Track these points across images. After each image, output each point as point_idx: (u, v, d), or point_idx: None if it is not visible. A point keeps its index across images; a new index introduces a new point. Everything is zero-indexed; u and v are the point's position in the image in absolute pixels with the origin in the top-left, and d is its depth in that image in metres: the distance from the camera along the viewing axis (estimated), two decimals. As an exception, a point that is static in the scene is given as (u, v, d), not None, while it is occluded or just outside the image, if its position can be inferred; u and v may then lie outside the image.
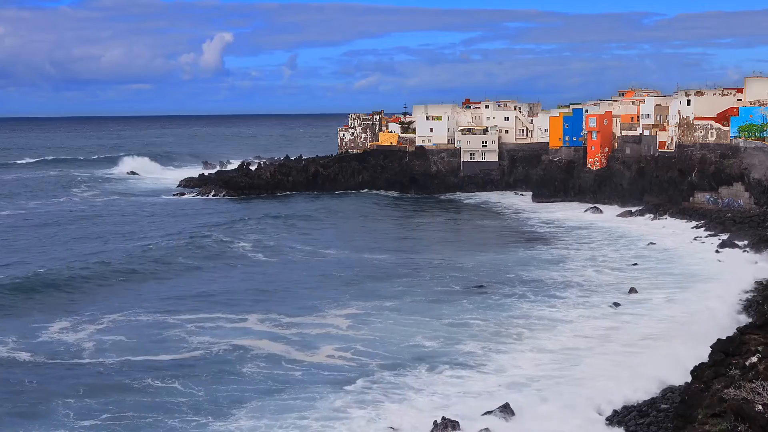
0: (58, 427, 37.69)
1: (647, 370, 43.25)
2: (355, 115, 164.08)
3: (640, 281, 65.57)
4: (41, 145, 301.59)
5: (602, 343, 49.19)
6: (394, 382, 43.22)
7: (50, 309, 58.60)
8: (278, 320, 55.33)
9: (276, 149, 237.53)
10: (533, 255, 78.98)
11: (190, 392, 41.88)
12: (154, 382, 43.11)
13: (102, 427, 37.69)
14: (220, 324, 54.45)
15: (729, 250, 74.17)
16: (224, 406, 40.00)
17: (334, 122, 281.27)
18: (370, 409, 39.37)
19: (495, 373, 44.22)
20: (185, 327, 53.57)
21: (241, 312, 57.32)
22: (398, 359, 46.96)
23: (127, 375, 44.47)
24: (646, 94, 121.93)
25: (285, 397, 41.30)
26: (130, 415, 38.86)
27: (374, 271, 71.86)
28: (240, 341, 50.28)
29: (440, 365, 45.78)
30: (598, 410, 38.03)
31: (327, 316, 56.60)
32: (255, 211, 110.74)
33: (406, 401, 40.48)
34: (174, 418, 38.59)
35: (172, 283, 68.43)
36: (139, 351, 48.75)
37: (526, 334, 51.57)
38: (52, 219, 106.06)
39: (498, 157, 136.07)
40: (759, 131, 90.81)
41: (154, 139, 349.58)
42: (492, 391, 41.36)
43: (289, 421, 38.13)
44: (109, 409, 39.53)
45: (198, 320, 55.24)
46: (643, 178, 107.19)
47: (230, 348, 48.99)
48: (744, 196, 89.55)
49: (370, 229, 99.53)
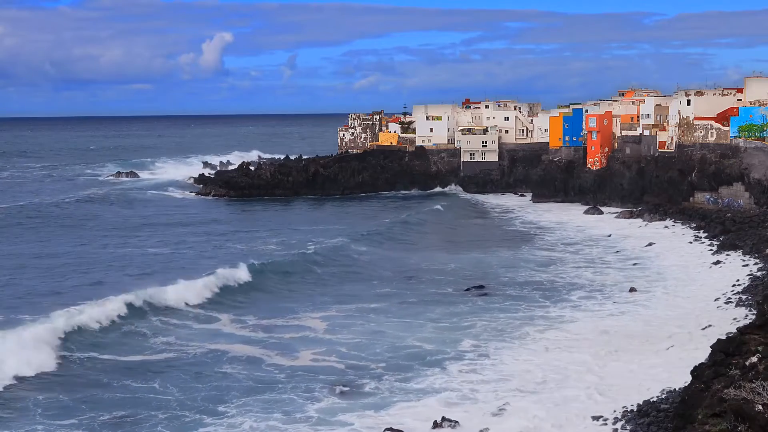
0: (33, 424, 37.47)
1: (648, 370, 43.29)
2: (355, 115, 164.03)
3: (640, 281, 65.60)
4: (40, 146, 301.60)
5: (602, 343, 49.12)
6: (393, 382, 43.16)
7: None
8: (271, 323, 55.33)
9: (270, 148, 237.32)
10: (533, 255, 78.97)
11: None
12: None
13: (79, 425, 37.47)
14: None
15: (728, 251, 74.08)
16: (213, 404, 39.96)
17: (334, 122, 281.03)
18: (370, 409, 39.33)
19: (495, 374, 44.14)
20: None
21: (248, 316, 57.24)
22: (397, 359, 46.93)
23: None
24: (646, 94, 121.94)
25: (281, 397, 41.20)
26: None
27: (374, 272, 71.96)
28: (236, 344, 50.23)
29: (440, 365, 45.74)
30: (599, 410, 37.99)
31: (312, 318, 56.12)
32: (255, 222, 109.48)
33: (406, 401, 40.43)
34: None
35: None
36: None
37: (525, 334, 51.53)
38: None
39: (498, 157, 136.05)
40: (759, 131, 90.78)
41: (155, 140, 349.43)
42: (492, 391, 41.33)
43: (288, 421, 38.10)
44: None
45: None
46: (643, 178, 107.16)
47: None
48: (744, 196, 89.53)
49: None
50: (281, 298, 62.60)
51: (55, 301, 57.38)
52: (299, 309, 58.37)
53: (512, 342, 49.99)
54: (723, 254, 73.23)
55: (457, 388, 41.97)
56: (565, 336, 50.94)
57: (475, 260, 76.02)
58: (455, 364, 45.80)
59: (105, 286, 62.34)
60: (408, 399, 40.73)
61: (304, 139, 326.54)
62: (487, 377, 43.61)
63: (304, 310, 58.20)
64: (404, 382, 43.14)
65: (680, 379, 38.99)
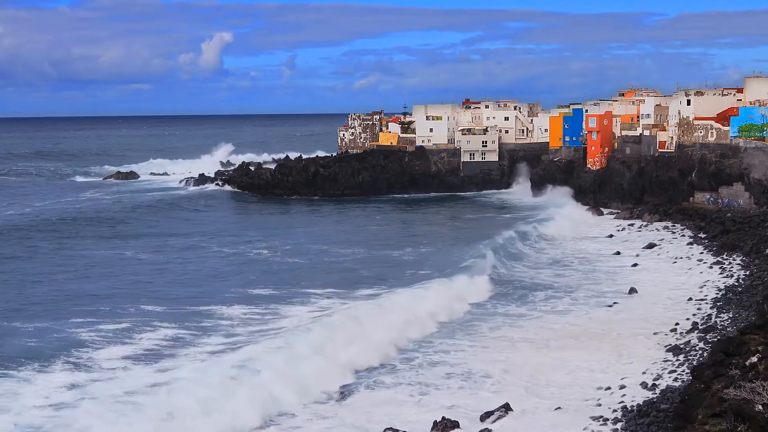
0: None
1: (648, 371, 43.30)
2: (355, 115, 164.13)
3: (639, 281, 65.59)
4: (41, 145, 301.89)
5: (602, 344, 49.13)
6: (393, 382, 43.18)
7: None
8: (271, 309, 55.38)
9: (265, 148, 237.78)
10: (532, 255, 78.94)
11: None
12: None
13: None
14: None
15: (727, 251, 74.09)
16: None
17: (334, 122, 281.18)
18: (369, 409, 39.33)
19: (495, 373, 44.13)
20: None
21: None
22: (397, 359, 46.92)
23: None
24: (646, 94, 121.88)
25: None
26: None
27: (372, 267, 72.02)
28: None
29: (439, 365, 45.73)
30: (599, 410, 37.99)
31: (308, 311, 56.37)
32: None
33: (406, 401, 40.42)
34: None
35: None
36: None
37: (524, 334, 51.53)
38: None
39: (498, 157, 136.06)
40: (759, 131, 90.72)
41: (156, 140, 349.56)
42: (492, 391, 41.35)
43: (284, 420, 38.12)
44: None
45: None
46: (643, 178, 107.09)
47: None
48: (744, 196, 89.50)
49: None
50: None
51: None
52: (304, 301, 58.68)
53: (511, 342, 49.96)
54: (722, 255, 73.28)
55: (457, 388, 41.95)
56: (565, 336, 50.93)
57: (472, 260, 75.89)
58: (454, 364, 45.64)
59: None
60: (408, 398, 40.70)
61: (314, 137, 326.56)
62: (487, 377, 43.51)
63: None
64: (403, 381, 43.09)
65: (680, 380, 38.86)
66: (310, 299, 60.18)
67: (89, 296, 61.47)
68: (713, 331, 49.19)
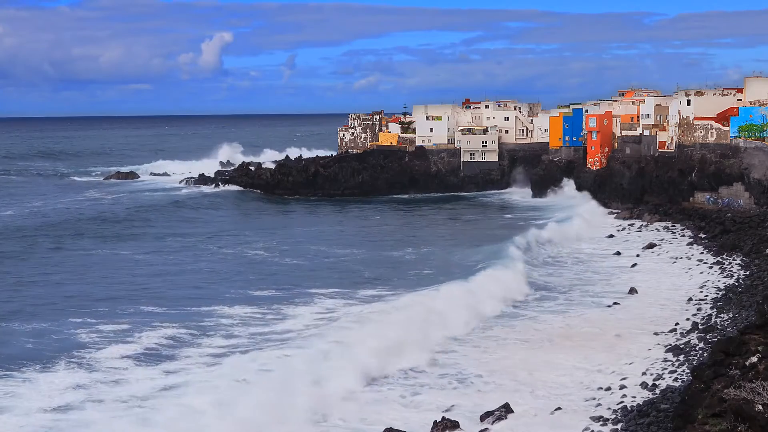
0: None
1: (648, 371, 43.32)
2: (355, 115, 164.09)
3: (639, 281, 65.59)
4: (41, 145, 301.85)
5: (602, 344, 49.11)
6: (393, 382, 43.21)
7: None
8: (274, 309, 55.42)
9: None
10: (532, 255, 78.92)
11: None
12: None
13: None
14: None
15: (727, 251, 74.10)
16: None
17: (334, 122, 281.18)
18: (370, 409, 39.35)
19: (494, 373, 44.16)
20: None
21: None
22: (395, 358, 46.92)
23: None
24: (646, 94, 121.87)
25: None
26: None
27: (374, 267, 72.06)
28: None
29: (437, 364, 45.76)
30: (599, 410, 38.02)
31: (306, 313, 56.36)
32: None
33: (405, 401, 40.46)
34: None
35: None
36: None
37: (524, 334, 51.54)
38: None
39: (498, 157, 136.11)
40: (759, 131, 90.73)
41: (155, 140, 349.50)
42: (492, 391, 41.35)
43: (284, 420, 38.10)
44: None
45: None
46: (643, 178, 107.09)
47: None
48: (744, 196, 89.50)
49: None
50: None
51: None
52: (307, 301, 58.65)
53: (511, 342, 49.98)
54: (721, 255, 73.31)
55: (457, 388, 41.96)
56: (565, 336, 50.93)
57: (471, 260, 75.90)
58: (452, 364, 45.70)
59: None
60: (407, 398, 40.70)
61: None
62: (487, 377, 43.53)
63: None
64: (403, 381, 43.10)
65: (680, 379, 38.88)
66: (312, 300, 60.22)
67: (89, 296, 61.50)
68: (713, 331, 49.22)
